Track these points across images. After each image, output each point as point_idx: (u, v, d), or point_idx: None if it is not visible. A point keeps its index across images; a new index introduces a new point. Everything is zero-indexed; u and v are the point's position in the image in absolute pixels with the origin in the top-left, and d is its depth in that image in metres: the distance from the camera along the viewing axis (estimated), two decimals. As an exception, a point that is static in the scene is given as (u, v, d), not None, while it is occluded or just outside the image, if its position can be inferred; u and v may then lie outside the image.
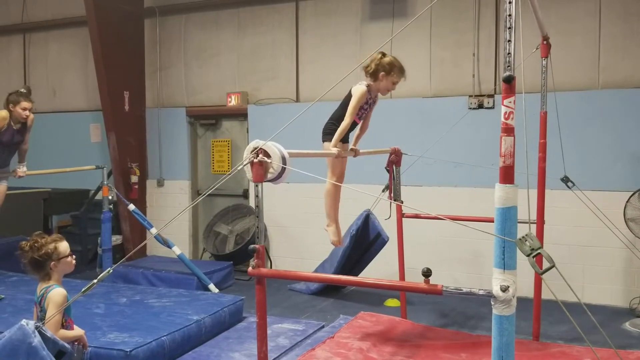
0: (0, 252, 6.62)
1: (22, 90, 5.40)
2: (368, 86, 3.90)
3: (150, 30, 8.20)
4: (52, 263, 2.97)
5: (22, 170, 5.71)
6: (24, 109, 5.32)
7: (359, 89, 3.89)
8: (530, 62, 4.43)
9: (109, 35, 7.47)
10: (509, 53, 2.06)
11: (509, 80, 2.03)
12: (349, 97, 3.93)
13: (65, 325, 2.94)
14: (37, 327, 2.49)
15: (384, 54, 3.92)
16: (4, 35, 9.28)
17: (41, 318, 2.82)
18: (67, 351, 2.67)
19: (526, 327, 4.72)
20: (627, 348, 4.35)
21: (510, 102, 2.04)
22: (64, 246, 3.04)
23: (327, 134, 3.95)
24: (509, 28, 2.05)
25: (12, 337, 2.49)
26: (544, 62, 4.49)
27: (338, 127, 3.85)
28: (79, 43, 8.63)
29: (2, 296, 5.13)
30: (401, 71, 3.93)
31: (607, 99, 5.91)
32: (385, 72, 3.87)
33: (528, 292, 4.70)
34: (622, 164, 5.85)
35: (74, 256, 3.10)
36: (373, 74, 3.89)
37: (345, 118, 3.87)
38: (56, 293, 2.90)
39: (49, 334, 2.56)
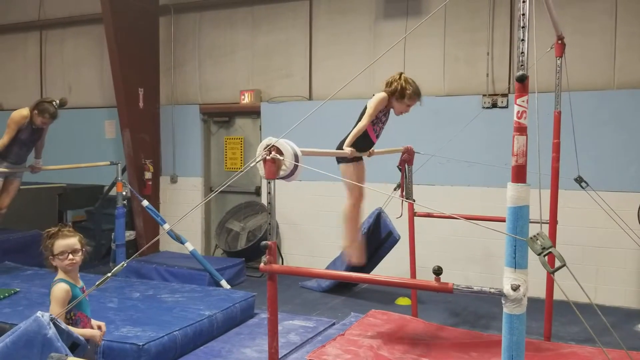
0: (16, 246, 6.72)
1: (56, 103, 5.50)
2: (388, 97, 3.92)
3: (165, 28, 8.26)
4: (50, 257, 2.98)
5: (38, 165, 5.84)
6: (43, 123, 5.52)
7: (378, 94, 3.90)
8: (545, 62, 4.42)
9: (124, 32, 7.53)
10: (522, 52, 2.05)
11: (522, 80, 2.03)
12: (364, 110, 3.95)
13: (74, 319, 2.92)
14: (52, 319, 2.53)
15: (404, 76, 3.92)
16: (21, 32, 9.39)
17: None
18: (81, 343, 2.70)
19: (537, 327, 4.71)
20: (639, 350, 4.32)
21: (523, 101, 2.04)
22: (59, 244, 2.95)
23: (341, 159, 3.97)
24: (523, 27, 2.05)
25: (28, 329, 2.53)
26: (559, 62, 4.46)
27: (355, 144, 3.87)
28: (95, 40, 8.72)
29: (18, 289, 5.20)
30: (416, 94, 3.94)
31: (623, 99, 5.86)
32: (401, 93, 3.89)
33: (540, 292, 4.67)
34: (637, 165, 5.80)
35: (70, 257, 2.94)
36: (392, 93, 3.89)
37: (362, 119, 3.87)
38: (57, 288, 2.90)
39: (63, 326, 2.59)
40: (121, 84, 7.59)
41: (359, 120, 3.98)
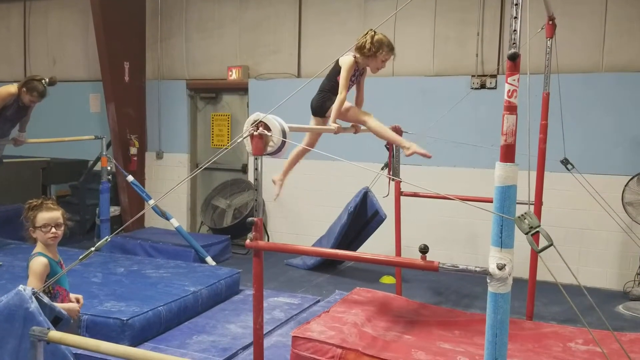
0: (-2, 220, 6.64)
1: (45, 82, 5.37)
2: (355, 57, 3.86)
3: (151, 1, 8.10)
4: (30, 229, 2.95)
5: (21, 138, 5.74)
6: (31, 101, 5.40)
7: (346, 60, 3.83)
8: (535, 43, 4.40)
9: (110, 4, 7.39)
10: (514, 30, 2.03)
11: (514, 58, 2.00)
12: (336, 68, 3.88)
13: (53, 292, 2.90)
14: (34, 293, 2.50)
15: (374, 32, 3.86)
16: (4, 3, 9.16)
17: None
18: (63, 317, 2.68)
19: (520, 307, 4.76)
20: (620, 330, 4.39)
21: (514, 80, 2.02)
22: (42, 217, 2.92)
23: (320, 107, 3.92)
24: (516, 4, 2.02)
25: (10, 303, 2.50)
26: (549, 43, 4.44)
27: (331, 97, 3.80)
28: (80, 12, 8.53)
29: (0, 263, 5.15)
30: (390, 49, 3.88)
31: (611, 83, 5.87)
32: (374, 50, 3.82)
33: (523, 273, 4.72)
34: (622, 148, 5.84)
35: (53, 230, 2.92)
36: (363, 52, 3.84)
37: (339, 92, 3.81)
38: (35, 262, 2.87)
39: (46, 300, 2.57)
40: (106, 57, 7.46)
41: (329, 75, 3.92)
